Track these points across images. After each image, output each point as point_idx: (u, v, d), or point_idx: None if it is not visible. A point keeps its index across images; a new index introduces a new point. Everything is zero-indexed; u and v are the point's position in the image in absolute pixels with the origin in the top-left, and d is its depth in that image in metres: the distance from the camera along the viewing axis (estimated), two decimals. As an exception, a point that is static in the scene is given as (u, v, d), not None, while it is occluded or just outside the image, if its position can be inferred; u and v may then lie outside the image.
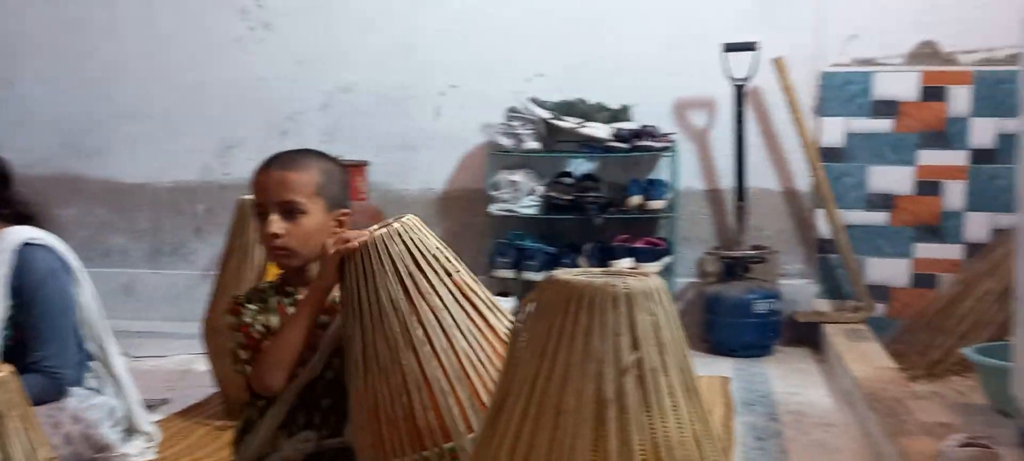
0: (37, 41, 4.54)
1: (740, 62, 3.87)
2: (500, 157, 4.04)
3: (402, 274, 1.65)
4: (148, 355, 3.69)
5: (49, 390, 2.16)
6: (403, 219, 1.69)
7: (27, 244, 2.20)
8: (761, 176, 4.04)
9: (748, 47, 3.87)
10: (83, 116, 4.53)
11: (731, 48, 3.88)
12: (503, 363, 1.31)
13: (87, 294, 2.34)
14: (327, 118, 4.35)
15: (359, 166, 4.16)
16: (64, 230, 2.48)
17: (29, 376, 2.10)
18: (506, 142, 3.95)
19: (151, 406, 2.81)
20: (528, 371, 1.21)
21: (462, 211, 4.25)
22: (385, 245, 1.66)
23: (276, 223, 1.73)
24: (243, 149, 4.42)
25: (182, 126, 4.46)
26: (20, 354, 2.14)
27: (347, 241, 1.65)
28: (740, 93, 3.86)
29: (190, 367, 3.51)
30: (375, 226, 1.71)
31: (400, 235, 1.66)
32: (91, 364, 2.37)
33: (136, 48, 4.47)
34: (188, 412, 2.93)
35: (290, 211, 1.74)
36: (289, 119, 4.38)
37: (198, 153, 4.46)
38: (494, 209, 3.92)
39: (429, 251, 1.67)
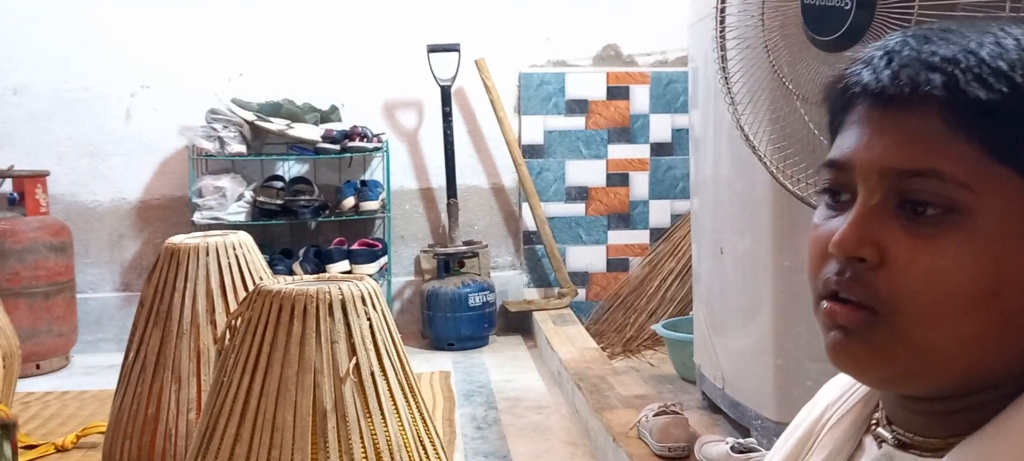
0: None
1: (445, 63, 3.96)
2: (203, 162, 3.81)
3: (226, 288, 1.60)
4: None
5: None
6: (239, 235, 1.67)
7: None
8: (470, 173, 4.17)
9: (451, 48, 3.97)
10: None
11: (434, 49, 3.96)
12: (211, 384, 1.24)
13: None
14: (-6, 123, 3.86)
15: (38, 176, 3.73)
16: None
17: None
18: (208, 146, 3.73)
19: None
20: (239, 389, 1.15)
21: (163, 221, 3.96)
22: (215, 255, 1.60)
23: None
24: None
25: None
26: None
27: None
28: (446, 93, 3.96)
29: None
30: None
31: (232, 250, 1.62)
32: None
33: None
34: None
35: None
36: (-55, 125, 3.83)
37: None
38: (199, 218, 3.69)
39: (253, 273, 1.64)
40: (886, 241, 0.57)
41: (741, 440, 2.00)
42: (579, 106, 4.20)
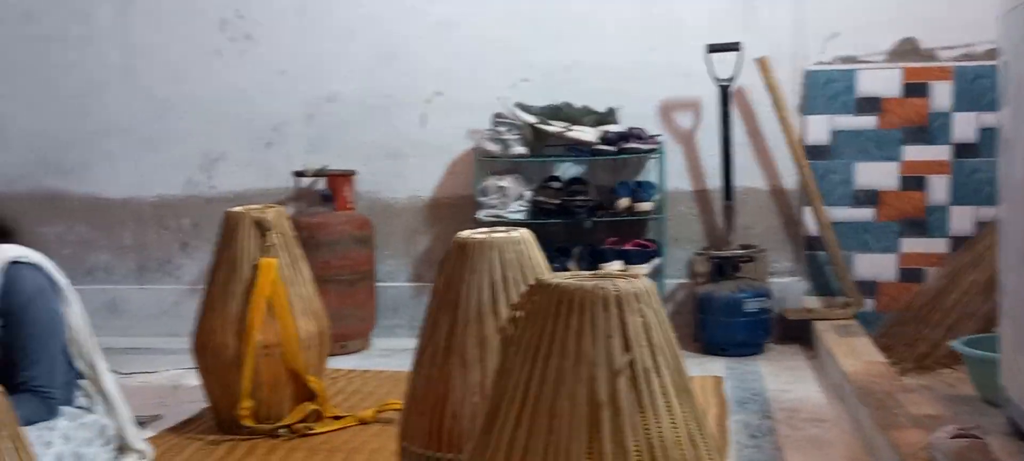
0: (10, 57, 4.50)
1: (724, 63, 3.89)
2: (487, 163, 4.03)
3: (509, 281, 1.71)
4: (137, 372, 3.66)
5: (39, 410, 2.14)
6: (522, 232, 1.77)
7: (14, 263, 2.18)
8: (748, 175, 4.06)
9: (731, 47, 3.88)
10: (61, 132, 4.49)
11: (714, 49, 3.90)
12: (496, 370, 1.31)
13: (76, 312, 2.32)
14: (312, 128, 4.33)
15: (347, 175, 4.15)
16: (46, 248, 2.46)
17: (19, 396, 2.09)
18: (493, 148, 3.94)
19: (143, 423, 2.79)
20: (520, 377, 1.21)
21: (450, 218, 4.24)
22: (499, 250, 1.72)
23: None
24: (227, 162, 4.40)
25: (164, 140, 4.44)
26: (9, 374, 2.12)
27: None
28: (725, 93, 3.88)
29: (180, 382, 3.48)
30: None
31: (514, 245, 1.73)
32: (81, 383, 2.35)
33: (114, 62, 4.44)
34: (180, 428, 2.91)
35: None
36: (274, 130, 4.36)
37: (182, 167, 4.43)
38: (482, 215, 3.91)
39: (534, 268, 1.74)
40: None
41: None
42: (870, 105, 3.93)
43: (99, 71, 4.45)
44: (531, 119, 3.93)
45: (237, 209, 2.88)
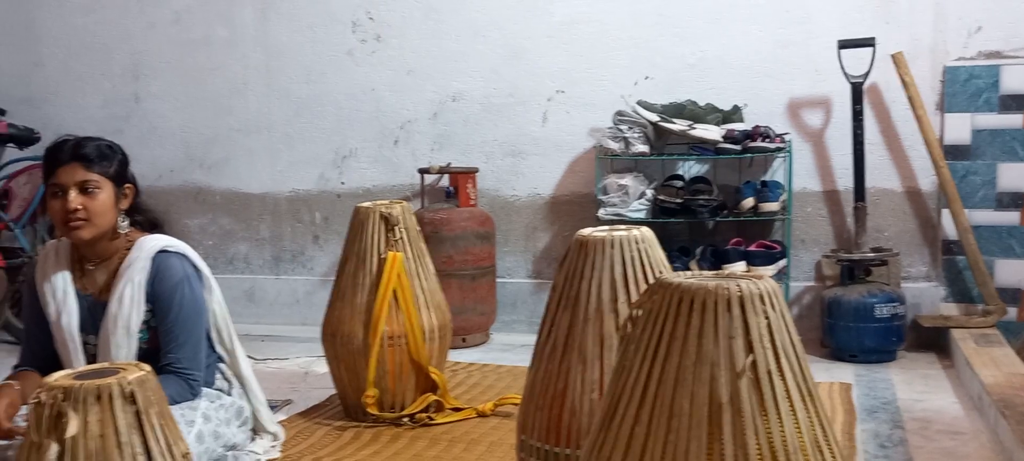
0: (163, 59, 4.79)
1: (856, 59, 3.75)
2: (608, 161, 4.03)
3: (629, 279, 1.73)
4: (271, 358, 3.84)
5: (183, 390, 2.27)
6: (643, 230, 1.78)
7: (162, 251, 2.33)
8: (881, 176, 3.90)
9: (865, 43, 3.74)
10: (206, 129, 4.76)
11: (846, 45, 3.76)
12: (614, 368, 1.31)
13: (217, 299, 2.46)
14: (437, 126, 4.43)
15: (469, 173, 4.22)
16: (191, 238, 2.62)
17: (164, 377, 2.23)
18: (614, 146, 3.93)
19: (275, 406, 2.93)
20: (639, 375, 1.21)
21: (571, 216, 4.26)
22: (620, 248, 1.75)
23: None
24: (357, 159, 4.55)
25: (299, 138, 4.63)
26: (155, 357, 2.27)
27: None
28: (858, 91, 3.74)
29: (310, 369, 3.64)
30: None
31: (635, 244, 1.76)
32: (220, 366, 2.49)
33: (255, 63, 4.67)
34: (309, 413, 3.04)
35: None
36: (400, 128, 4.48)
37: (314, 163, 4.62)
38: (603, 214, 3.91)
39: (655, 267, 1.76)
40: None
41: None
42: (1016, 102, 3.71)
43: (241, 72, 4.69)
44: (653, 117, 3.90)
45: (365, 204, 2.99)
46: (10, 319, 4.29)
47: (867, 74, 3.75)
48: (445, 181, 4.30)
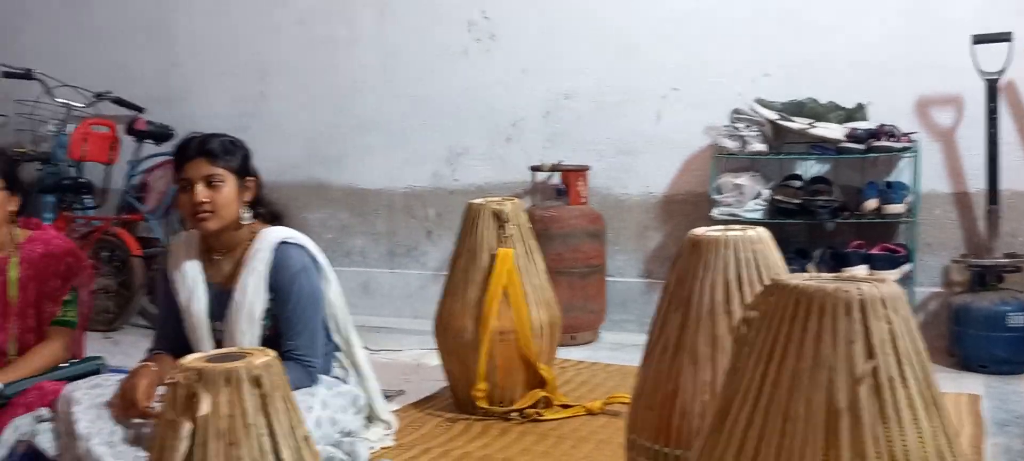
0: (287, 59, 4.98)
1: (991, 54, 3.55)
2: (724, 160, 3.95)
3: (743, 280, 1.72)
4: (385, 349, 3.94)
5: (301, 377, 2.36)
6: (759, 231, 1.76)
7: (283, 243, 2.43)
8: (1017, 178, 3.68)
9: (1001, 38, 3.54)
10: (327, 127, 4.92)
11: (981, 39, 3.57)
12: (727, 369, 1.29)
13: (334, 290, 2.54)
14: (549, 125, 4.45)
15: (580, 171, 4.22)
16: (311, 232, 2.71)
17: (286, 363, 2.31)
18: (730, 145, 3.85)
19: (389, 396, 3.01)
20: (753, 377, 1.19)
21: (684, 216, 4.20)
22: (734, 249, 1.74)
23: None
24: (470, 156, 4.61)
25: (414, 135, 4.73)
26: (275, 344, 2.36)
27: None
28: (993, 88, 3.54)
29: (422, 361, 3.71)
30: None
31: (751, 245, 1.75)
32: (337, 355, 2.58)
33: (373, 62, 4.79)
34: (421, 404, 3.10)
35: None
36: (513, 126, 4.52)
37: (429, 160, 4.71)
38: (717, 213, 3.84)
39: (771, 268, 1.74)
40: None
41: None
42: None
43: (360, 71, 4.82)
44: (772, 115, 3.80)
45: (478, 201, 3.03)
46: (145, 305, 4.55)
47: (1003, 70, 3.55)
48: (556, 179, 4.31)
